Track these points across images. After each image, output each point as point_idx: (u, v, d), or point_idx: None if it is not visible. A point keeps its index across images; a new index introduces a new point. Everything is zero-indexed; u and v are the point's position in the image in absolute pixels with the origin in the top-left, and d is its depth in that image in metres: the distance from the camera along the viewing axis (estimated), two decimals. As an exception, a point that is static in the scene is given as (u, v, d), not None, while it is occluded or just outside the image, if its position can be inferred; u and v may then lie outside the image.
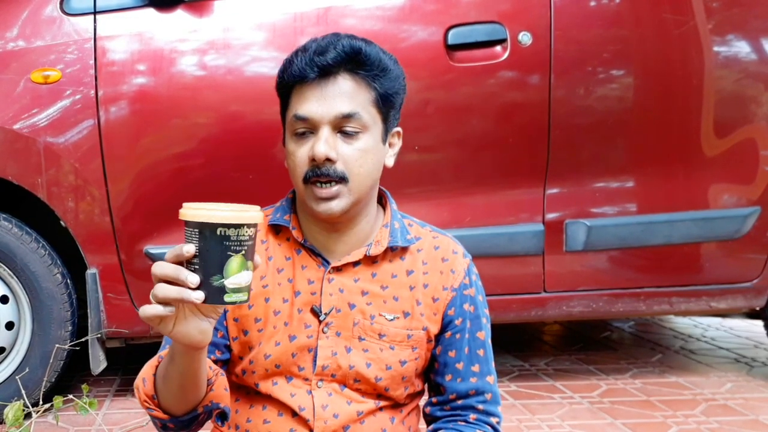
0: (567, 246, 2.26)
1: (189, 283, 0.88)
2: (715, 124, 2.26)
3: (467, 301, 1.19)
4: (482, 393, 1.19)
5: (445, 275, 1.18)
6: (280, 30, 2.13)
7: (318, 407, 1.14)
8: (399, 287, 1.17)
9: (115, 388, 2.55)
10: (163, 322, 0.93)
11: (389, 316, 1.16)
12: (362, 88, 1.09)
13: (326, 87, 1.08)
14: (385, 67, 1.10)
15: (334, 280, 1.15)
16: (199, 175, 2.14)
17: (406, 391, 1.20)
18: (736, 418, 2.21)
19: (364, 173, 1.10)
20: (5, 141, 2.08)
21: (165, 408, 1.08)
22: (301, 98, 1.09)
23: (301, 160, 1.10)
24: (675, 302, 2.37)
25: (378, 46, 1.12)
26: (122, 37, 2.11)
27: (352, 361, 1.15)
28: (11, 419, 2.04)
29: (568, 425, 2.16)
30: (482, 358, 1.20)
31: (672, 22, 2.20)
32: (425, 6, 2.16)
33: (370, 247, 1.16)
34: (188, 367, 1.01)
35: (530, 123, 2.20)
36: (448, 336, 1.18)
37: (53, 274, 2.18)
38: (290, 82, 1.10)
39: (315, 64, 1.07)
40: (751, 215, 2.29)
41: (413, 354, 1.17)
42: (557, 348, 3.05)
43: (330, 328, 1.15)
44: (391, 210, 1.21)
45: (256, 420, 1.17)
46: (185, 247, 0.89)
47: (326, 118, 1.07)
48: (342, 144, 1.08)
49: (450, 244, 1.22)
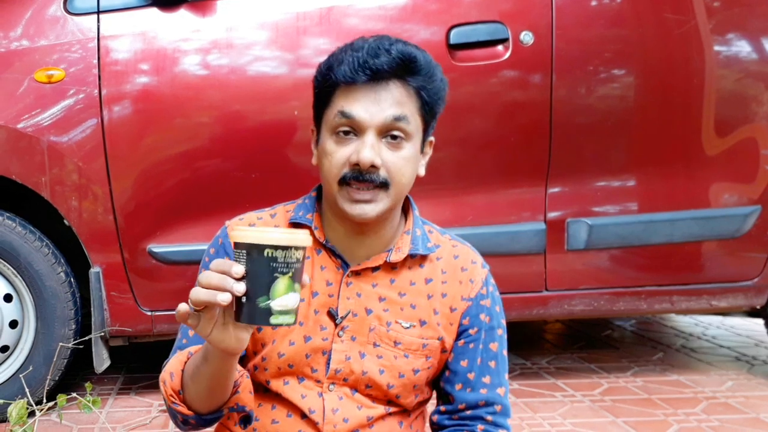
0: (568, 245, 2.27)
1: (236, 291, 0.88)
2: (716, 124, 2.26)
3: (483, 311, 1.18)
4: (492, 404, 1.18)
5: (464, 285, 1.18)
6: (282, 29, 2.14)
7: (328, 411, 1.14)
8: (417, 295, 1.16)
9: (118, 387, 2.55)
10: (201, 326, 0.93)
11: (405, 324, 1.15)
12: (411, 95, 1.08)
13: (377, 91, 1.06)
14: (433, 77, 1.09)
15: (352, 284, 1.15)
16: (203, 174, 2.15)
17: (416, 399, 1.20)
18: (737, 416, 2.22)
19: (404, 182, 1.10)
20: (9, 140, 2.09)
21: (189, 404, 1.07)
22: (350, 97, 1.07)
23: (339, 161, 1.07)
24: (676, 301, 2.38)
25: (428, 54, 1.10)
26: (125, 36, 2.11)
27: (365, 367, 1.14)
28: (15, 417, 2.05)
29: (569, 423, 2.17)
30: (494, 370, 1.19)
31: (673, 21, 2.20)
32: (427, 6, 2.16)
33: (390, 253, 1.15)
34: (219, 370, 1.01)
35: (532, 122, 2.20)
36: (461, 345, 1.18)
37: (57, 273, 2.18)
38: (337, 81, 1.07)
39: (368, 67, 1.05)
40: (752, 214, 2.29)
41: (427, 363, 1.17)
42: (559, 346, 3.06)
43: (345, 332, 1.14)
44: (413, 216, 1.20)
45: (264, 419, 1.17)
46: (234, 268, 0.89)
47: (374, 123, 1.06)
48: (386, 151, 1.07)
49: (469, 254, 1.21)
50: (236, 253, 0.91)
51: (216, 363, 0.99)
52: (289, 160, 2.16)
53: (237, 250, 0.91)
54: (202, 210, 2.16)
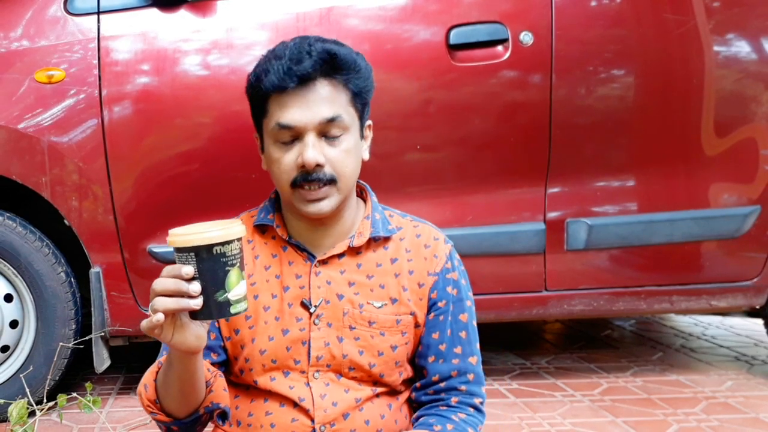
0: (568, 245, 2.27)
1: (192, 292, 0.93)
2: (716, 124, 2.26)
3: (450, 284, 1.22)
4: (464, 373, 1.22)
5: (429, 261, 1.21)
6: (282, 30, 2.14)
7: (317, 397, 1.17)
8: (384, 275, 1.20)
9: (118, 386, 2.56)
10: (163, 333, 0.98)
11: (377, 304, 1.19)
12: (339, 90, 1.12)
13: (306, 94, 1.10)
14: (358, 68, 1.13)
15: (321, 273, 1.19)
16: (203, 174, 2.15)
17: (401, 376, 1.23)
18: (737, 416, 2.22)
19: (349, 172, 1.14)
20: (9, 140, 2.09)
21: (168, 411, 1.12)
22: (282, 107, 1.11)
23: (287, 167, 1.13)
24: (675, 301, 2.38)
25: (348, 46, 1.15)
26: (126, 36, 2.12)
27: (345, 350, 1.18)
28: (15, 417, 2.05)
29: (569, 423, 2.17)
30: (464, 340, 1.22)
31: (673, 21, 2.21)
32: (427, 6, 2.17)
33: (353, 239, 1.19)
34: (186, 371, 1.05)
35: (531, 122, 2.20)
36: (432, 318, 1.21)
37: (57, 273, 2.19)
38: (268, 90, 1.12)
39: (294, 74, 1.09)
40: (752, 214, 2.29)
41: (403, 339, 1.20)
42: (558, 346, 3.06)
43: (321, 320, 1.18)
44: (371, 202, 1.24)
45: (257, 413, 1.20)
46: (184, 269, 0.94)
47: (311, 125, 1.10)
48: (327, 147, 1.12)
49: (431, 231, 1.25)
50: (179, 257, 0.95)
51: (180, 365, 1.04)
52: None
53: (180, 254, 0.95)
54: (203, 210, 2.15)
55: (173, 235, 0.95)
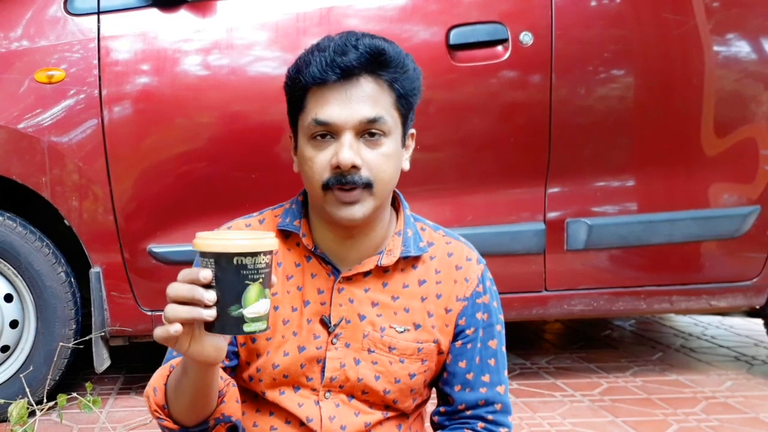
0: (568, 245, 2.27)
1: (206, 300, 0.86)
2: (716, 124, 2.27)
3: (480, 309, 1.16)
4: (492, 403, 1.17)
5: (459, 284, 1.15)
6: (282, 30, 2.14)
7: (325, 418, 1.12)
8: (410, 298, 1.14)
9: (118, 386, 2.56)
10: (179, 343, 0.90)
11: (399, 328, 1.13)
12: (384, 90, 1.04)
13: (349, 90, 1.02)
14: (406, 68, 1.06)
15: (344, 290, 1.12)
16: (203, 174, 2.15)
17: (414, 402, 1.19)
18: (736, 416, 2.22)
19: (387, 179, 1.06)
20: (9, 140, 2.09)
21: (175, 418, 1.05)
22: (321, 101, 1.03)
23: (320, 167, 1.04)
24: (675, 301, 2.38)
25: (397, 45, 1.07)
26: (126, 37, 2.12)
27: (360, 374, 1.12)
28: (15, 417, 2.06)
29: (569, 423, 2.17)
30: (493, 368, 1.17)
31: (673, 21, 2.21)
32: (427, 6, 2.17)
33: (382, 256, 1.12)
34: (201, 381, 0.98)
35: (531, 122, 2.21)
36: (459, 346, 1.15)
37: (57, 273, 2.19)
38: (307, 83, 1.04)
39: (337, 66, 1.01)
40: (751, 214, 2.30)
41: (423, 367, 1.15)
42: (558, 346, 3.06)
43: (339, 340, 1.12)
44: (404, 216, 1.16)
45: (262, 425, 1.16)
46: (202, 273, 0.86)
47: (350, 123, 1.02)
48: (365, 149, 1.03)
49: (464, 250, 1.18)
50: (203, 261, 0.88)
51: (196, 375, 0.97)
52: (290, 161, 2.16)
53: (204, 258, 0.88)
54: (203, 210, 2.16)
55: (198, 238, 0.88)
